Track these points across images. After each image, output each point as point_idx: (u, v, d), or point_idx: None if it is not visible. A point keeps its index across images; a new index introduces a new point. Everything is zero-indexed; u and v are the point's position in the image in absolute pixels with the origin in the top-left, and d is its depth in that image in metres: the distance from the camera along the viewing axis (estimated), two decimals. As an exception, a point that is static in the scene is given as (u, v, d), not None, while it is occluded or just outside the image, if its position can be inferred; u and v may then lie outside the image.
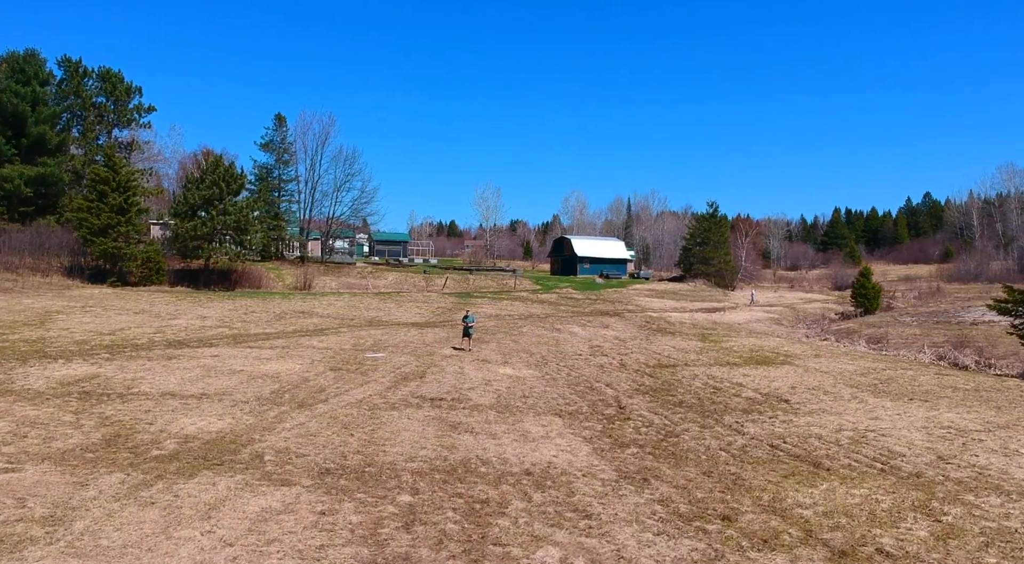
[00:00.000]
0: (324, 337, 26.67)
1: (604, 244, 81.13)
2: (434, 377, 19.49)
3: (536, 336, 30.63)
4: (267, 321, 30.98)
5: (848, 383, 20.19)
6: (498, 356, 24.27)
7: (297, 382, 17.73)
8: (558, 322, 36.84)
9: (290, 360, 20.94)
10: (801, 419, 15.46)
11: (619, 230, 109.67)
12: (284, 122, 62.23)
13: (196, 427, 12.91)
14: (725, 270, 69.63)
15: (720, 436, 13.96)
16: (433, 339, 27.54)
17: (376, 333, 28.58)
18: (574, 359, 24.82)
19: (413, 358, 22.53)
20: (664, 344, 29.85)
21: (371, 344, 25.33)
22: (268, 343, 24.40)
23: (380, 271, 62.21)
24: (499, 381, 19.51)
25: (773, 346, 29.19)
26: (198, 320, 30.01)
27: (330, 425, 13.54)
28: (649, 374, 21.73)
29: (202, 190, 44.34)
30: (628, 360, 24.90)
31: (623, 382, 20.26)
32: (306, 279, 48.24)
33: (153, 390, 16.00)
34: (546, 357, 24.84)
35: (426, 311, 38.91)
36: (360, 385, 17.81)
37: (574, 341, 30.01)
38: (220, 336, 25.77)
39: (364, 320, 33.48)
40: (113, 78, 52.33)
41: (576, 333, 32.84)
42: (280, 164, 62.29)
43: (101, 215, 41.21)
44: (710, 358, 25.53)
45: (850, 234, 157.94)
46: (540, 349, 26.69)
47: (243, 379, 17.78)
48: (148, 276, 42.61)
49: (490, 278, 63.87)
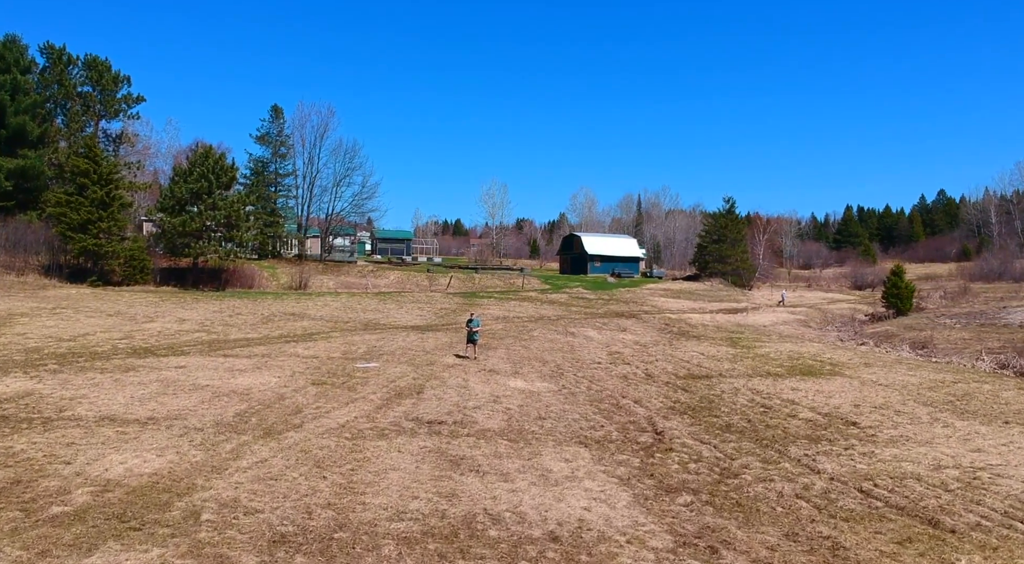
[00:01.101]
0: (312, 343, 23.85)
1: (616, 242, 78.04)
2: (434, 393, 16.65)
3: (548, 341, 27.76)
4: (252, 324, 28.19)
5: (919, 400, 17.22)
6: (507, 365, 21.41)
7: (270, 400, 14.90)
8: (571, 325, 33.95)
9: (267, 372, 18.11)
10: (884, 451, 12.53)
11: (629, 228, 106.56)
12: (281, 114, 59.50)
13: (125, 468, 10.09)
14: (742, 269, 66.53)
15: (791, 476, 11.06)
16: (434, 345, 24.70)
17: (371, 338, 25.75)
18: (593, 368, 21.96)
19: (411, 368, 19.68)
20: (690, 350, 26.93)
21: (364, 351, 22.49)
22: (247, 351, 21.58)
23: (382, 270, 59.43)
24: (509, 397, 16.66)
25: (813, 353, 26.22)
26: (176, 323, 27.24)
27: (299, 462, 10.70)
28: (682, 387, 18.82)
29: (190, 183, 41.60)
30: (654, 369, 22.01)
31: (654, 398, 17.37)
32: (301, 278, 45.48)
33: (91, 413, 13.19)
34: (561, 366, 22.00)
35: (428, 313, 36.07)
36: (345, 404, 14.98)
37: (590, 347, 27.14)
38: (195, 342, 22.99)
39: (360, 323, 30.66)
40: (99, 66, 49.63)
41: (592, 337, 29.96)
42: (277, 158, 59.50)
43: (80, 210, 38.52)
44: (747, 367, 22.60)
45: (864, 232, 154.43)
46: (554, 356, 23.83)
47: (206, 397, 14.96)
48: (131, 275, 39.91)
49: (497, 277, 61.01)
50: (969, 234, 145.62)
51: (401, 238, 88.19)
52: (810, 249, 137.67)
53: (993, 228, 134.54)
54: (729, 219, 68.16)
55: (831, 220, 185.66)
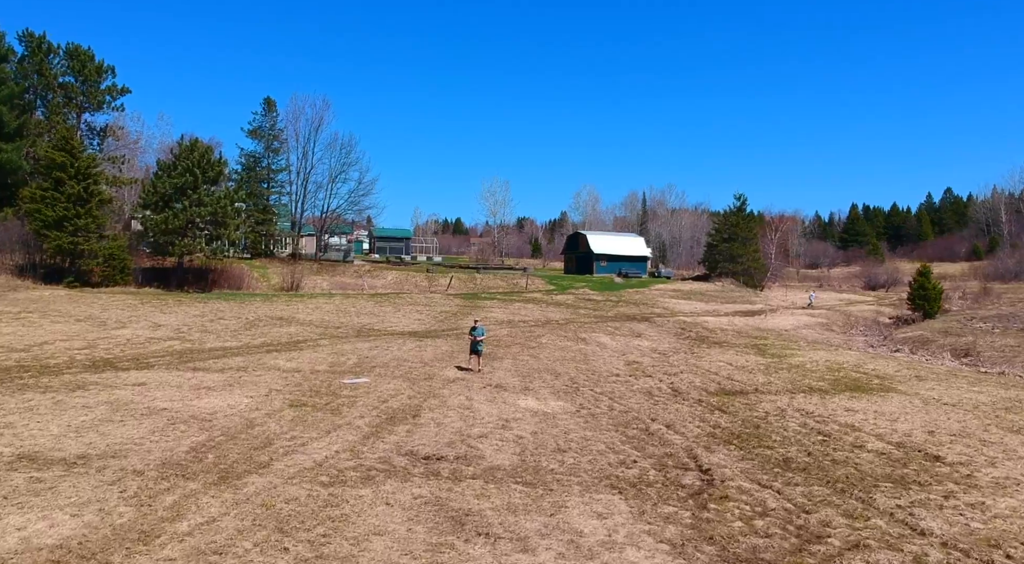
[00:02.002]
0: (297, 353, 21.38)
1: (622, 240, 75.41)
2: (432, 416, 14.19)
3: (559, 349, 25.30)
4: (233, 331, 25.73)
5: (1002, 425, 14.75)
6: (516, 379, 18.96)
7: (235, 429, 12.44)
8: (581, 329, 31.49)
9: (240, 390, 15.64)
10: (997, 501, 10.06)
11: (633, 226, 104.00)
12: (274, 107, 56.93)
13: (21, 537, 7.62)
14: (754, 269, 63.99)
15: (890, 540, 8.59)
16: (433, 355, 22.23)
17: (363, 347, 23.28)
18: (611, 382, 19.51)
19: (406, 385, 17.22)
20: (716, 359, 24.47)
21: (354, 363, 20.01)
22: (221, 363, 19.11)
23: (379, 270, 56.95)
24: (521, 421, 14.21)
25: (853, 363, 23.75)
26: (149, 329, 24.78)
27: (256, 524, 8.24)
28: (717, 407, 16.36)
29: (174, 178, 39.09)
30: (680, 383, 19.55)
31: (688, 420, 14.91)
32: (293, 279, 43.00)
33: (8, 450, 10.73)
34: (576, 379, 19.55)
35: (427, 316, 33.60)
36: (326, 433, 12.52)
37: (605, 355, 24.69)
38: (165, 352, 20.53)
39: (352, 329, 28.20)
40: (81, 55, 47.08)
41: (605, 344, 27.50)
42: (269, 153, 56.94)
43: (56, 206, 36.03)
44: (784, 381, 20.12)
45: (871, 231, 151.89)
46: (566, 367, 21.37)
47: (159, 425, 12.50)
48: (111, 276, 37.43)
49: (499, 277, 58.53)
50: (978, 233, 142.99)
51: (400, 237, 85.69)
52: (816, 248, 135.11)
53: (1004, 227, 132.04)
54: (740, 217, 65.57)
55: (836, 219, 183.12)
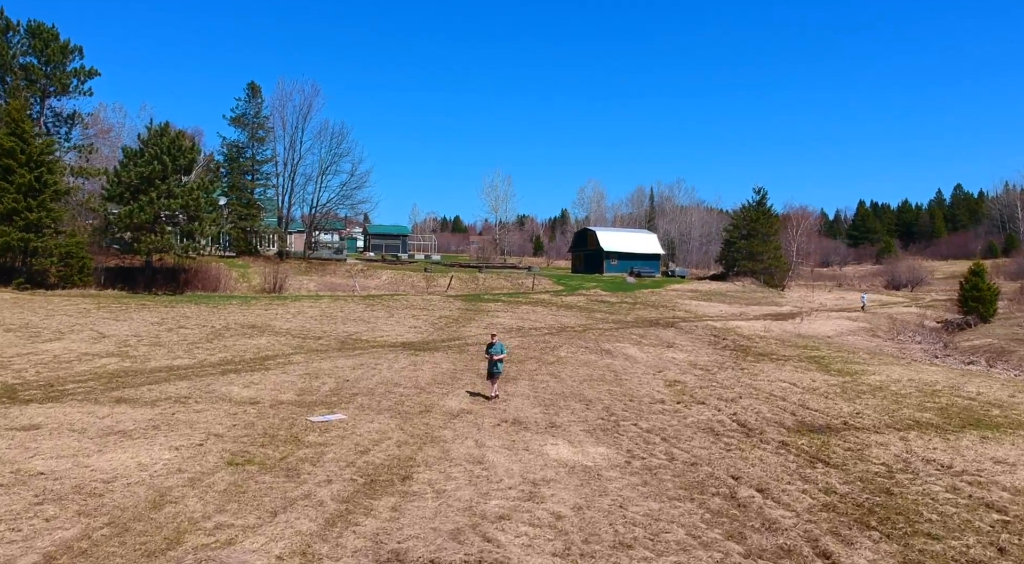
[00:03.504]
0: (260, 374, 17.14)
1: (634, 237, 71.06)
2: (429, 477, 10.00)
3: (582, 364, 21.11)
4: (192, 343, 21.48)
5: None
6: (537, 410, 14.76)
7: (135, 511, 8.23)
8: (603, 338, 27.29)
9: (164, 437, 11.41)
10: None
11: (640, 224, 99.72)
12: (259, 93, 52.54)
13: None
14: (774, 267, 59.78)
15: None
16: (432, 376, 17.99)
17: (345, 365, 19.04)
18: (657, 412, 15.33)
19: (395, 423, 13.01)
20: (772, 377, 20.27)
21: (330, 390, 15.78)
22: (158, 390, 14.87)
23: (373, 269, 52.71)
24: (555, 484, 10.03)
25: (946, 383, 19.53)
26: (88, 342, 20.53)
27: None
28: (814, 454, 12.16)
29: (140, 166, 34.80)
30: (745, 414, 15.36)
31: (784, 480, 10.72)
32: (276, 279, 38.73)
33: None
34: (612, 409, 15.37)
35: (424, 322, 29.36)
36: (271, 516, 8.31)
37: (637, 372, 20.49)
38: (92, 375, 16.29)
39: (336, 338, 23.96)
40: (45, 34, 42.73)
41: (634, 357, 23.30)
42: (254, 142, 52.57)
43: (3, 198, 31.75)
44: (876, 410, 15.91)
45: (881, 228, 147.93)
46: (596, 391, 17.18)
47: (17, 506, 8.27)
48: (68, 276, 33.19)
49: (503, 277, 54.32)
50: (992, 229, 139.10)
51: (396, 234, 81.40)
52: (827, 246, 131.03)
53: (1020, 223, 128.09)
54: (760, 212, 61.30)
55: (842, 216, 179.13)
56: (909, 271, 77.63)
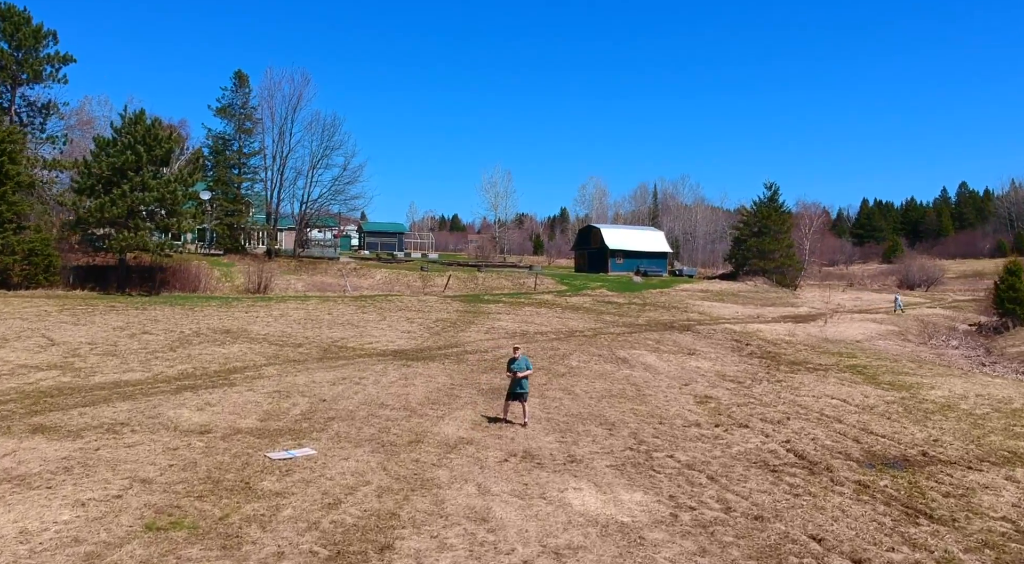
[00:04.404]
0: (221, 392, 14.50)
1: (640, 235, 68.35)
2: (415, 548, 7.40)
3: (597, 376, 18.50)
4: (152, 352, 18.84)
5: None
6: (552, 438, 12.17)
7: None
8: (616, 344, 24.70)
9: (71, 486, 8.79)
10: None
11: (644, 221, 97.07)
12: (246, 82, 49.77)
13: None
14: (787, 266, 57.20)
15: None
16: (425, 393, 15.36)
17: (324, 379, 16.41)
18: (695, 439, 12.76)
19: (376, 461, 10.39)
20: (816, 392, 17.69)
21: (300, 413, 13.13)
22: (90, 414, 12.23)
23: (367, 268, 50.06)
24: (583, 555, 7.43)
25: (1022, 400, 16.92)
26: (31, 352, 17.89)
27: None
28: (907, 503, 9.58)
29: (112, 156, 32.12)
30: (799, 441, 12.78)
31: (884, 544, 8.15)
32: (261, 279, 36.08)
33: None
34: (640, 435, 12.80)
35: (419, 326, 26.75)
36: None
37: (661, 385, 17.90)
38: (20, 391, 13.66)
39: (319, 346, 21.33)
40: (15, 17, 39.94)
41: (654, 367, 20.69)
42: (241, 134, 49.82)
43: (-40, 190, 29.10)
44: (958, 437, 13.32)
45: (887, 226, 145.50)
46: (619, 411, 14.60)
47: None
48: (33, 275, 30.54)
49: (503, 276, 51.70)
50: (1000, 228, 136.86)
51: (392, 231, 78.65)
52: (832, 245, 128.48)
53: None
54: (772, 208, 58.68)
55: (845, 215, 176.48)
56: (923, 270, 75.12)
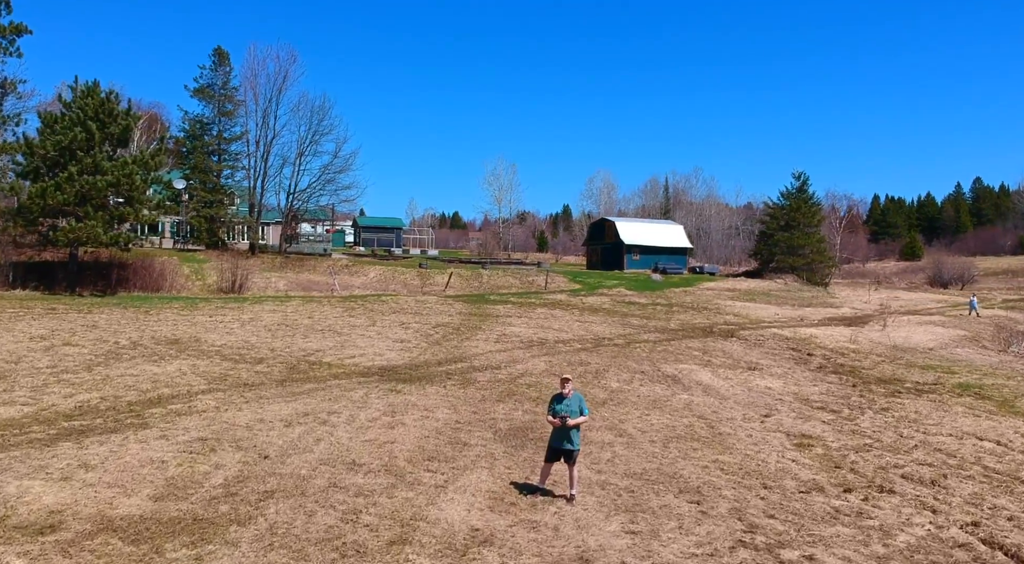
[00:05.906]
0: (118, 440, 9.93)
1: (657, 228, 63.52)
2: None
3: (650, 405, 13.96)
4: (62, 371, 14.28)
5: None
6: (615, 525, 7.63)
7: None
8: (656, 355, 20.15)
9: None
10: None
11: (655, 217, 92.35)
12: (227, 60, 45.12)
13: None
14: (817, 262, 52.62)
15: None
16: (417, 439, 10.78)
17: (278, 417, 11.83)
18: (826, 521, 8.25)
19: (325, 596, 5.82)
20: (947, 427, 13.16)
21: (222, 483, 8.52)
22: None
23: (361, 265, 45.55)
24: None
25: None
26: None
27: None
28: None
29: (58, 133, 27.58)
30: (991, 523, 8.31)
31: None
32: (236, 277, 31.50)
33: None
34: (743, 510, 8.29)
35: (415, 334, 22.18)
36: None
37: (735, 417, 13.37)
38: None
39: (285, 362, 16.75)
40: (-39, -17, 35.55)
41: (714, 388, 16.15)
42: (221, 117, 45.23)
43: None
44: None
45: (904, 223, 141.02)
46: (697, 466, 10.08)
47: None
48: (-36, 273, 26.05)
49: (509, 274, 47.18)
50: (1020, 224, 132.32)
51: (390, 227, 74.13)
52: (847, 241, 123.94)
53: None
54: (801, 200, 54.06)
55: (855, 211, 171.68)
56: (955, 268, 70.38)
